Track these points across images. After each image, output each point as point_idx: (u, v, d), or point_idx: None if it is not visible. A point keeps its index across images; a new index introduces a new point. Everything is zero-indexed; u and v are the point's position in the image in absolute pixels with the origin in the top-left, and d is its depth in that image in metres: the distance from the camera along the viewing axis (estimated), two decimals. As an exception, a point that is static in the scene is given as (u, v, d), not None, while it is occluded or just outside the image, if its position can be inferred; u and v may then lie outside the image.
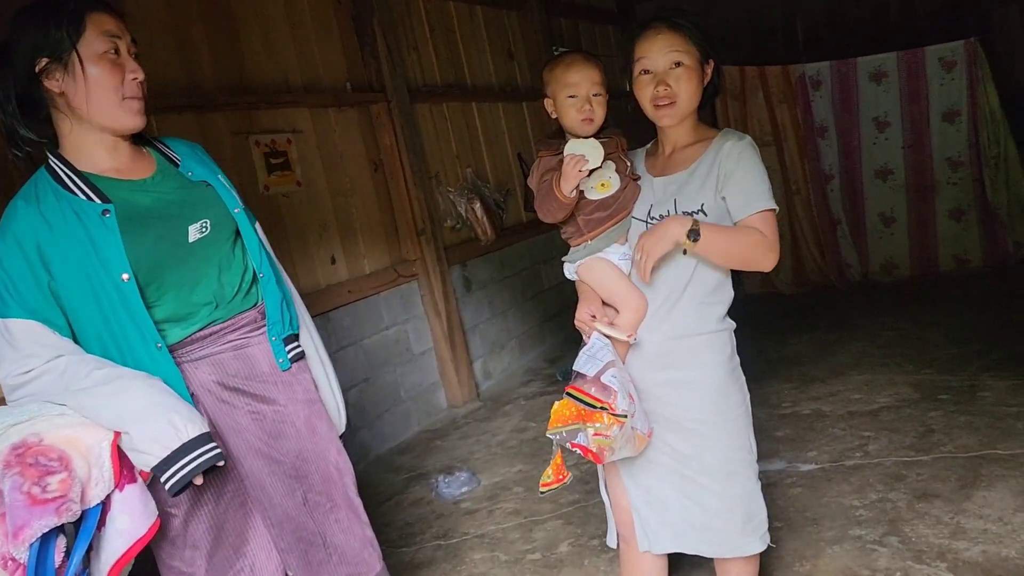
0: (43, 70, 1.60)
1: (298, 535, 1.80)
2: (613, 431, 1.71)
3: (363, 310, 4.21)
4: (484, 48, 5.65)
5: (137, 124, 1.67)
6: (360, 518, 1.93)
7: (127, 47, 1.65)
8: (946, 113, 5.94)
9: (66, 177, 1.63)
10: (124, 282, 1.58)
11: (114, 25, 1.63)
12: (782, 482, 3.08)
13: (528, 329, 5.69)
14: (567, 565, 2.78)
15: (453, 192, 5.00)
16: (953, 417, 3.43)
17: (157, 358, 1.63)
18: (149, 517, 1.54)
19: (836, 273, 6.32)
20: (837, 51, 6.32)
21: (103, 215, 1.60)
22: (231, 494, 1.76)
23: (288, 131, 3.89)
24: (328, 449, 1.88)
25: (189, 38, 3.44)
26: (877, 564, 2.45)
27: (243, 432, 1.76)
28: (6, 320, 1.58)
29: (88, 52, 1.59)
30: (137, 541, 1.51)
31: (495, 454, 3.95)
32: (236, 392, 1.75)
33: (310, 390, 1.88)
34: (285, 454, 1.80)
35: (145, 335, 1.62)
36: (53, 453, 1.44)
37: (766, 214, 1.80)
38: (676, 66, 1.81)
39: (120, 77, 1.63)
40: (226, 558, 1.75)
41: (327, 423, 1.90)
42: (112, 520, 1.49)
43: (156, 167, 1.75)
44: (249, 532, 1.79)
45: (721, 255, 1.80)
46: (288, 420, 1.82)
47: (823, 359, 4.55)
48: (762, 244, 1.78)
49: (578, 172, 1.79)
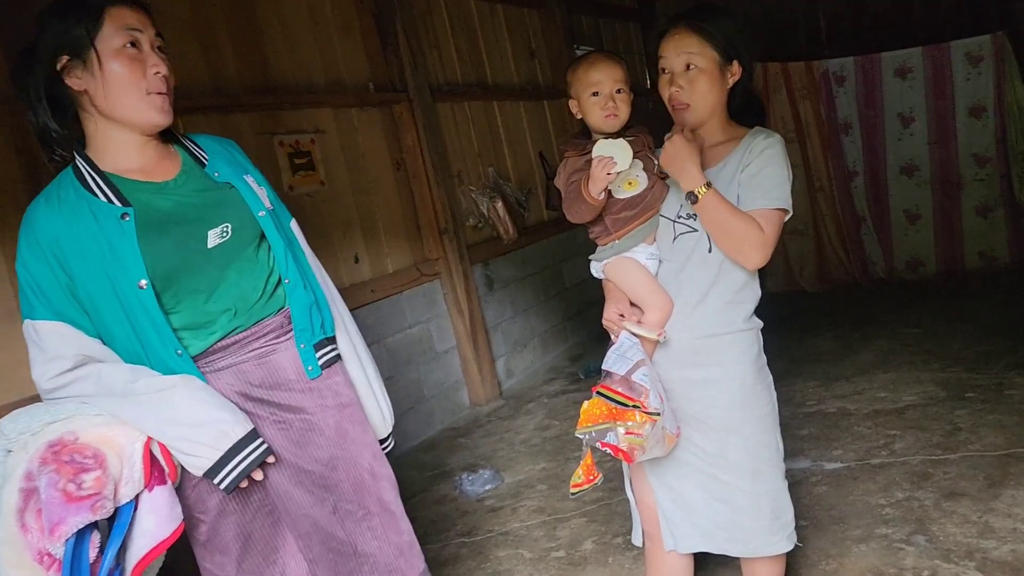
0: (64, 68, 1.57)
1: (327, 545, 1.76)
2: (645, 429, 1.71)
3: (386, 309, 4.23)
4: (505, 47, 5.66)
5: (161, 120, 1.62)
6: (398, 524, 1.85)
7: (150, 41, 1.60)
8: (972, 108, 5.87)
9: (88, 177, 1.59)
10: (141, 289, 1.55)
11: (134, 18, 1.58)
12: (807, 480, 3.06)
13: (550, 327, 5.69)
14: (591, 563, 2.78)
15: (475, 191, 5.01)
16: (980, 415, 3.39)
17: (180, 364, 1.60)
18: (174, 520, 1.54)
19: (860, 270, 6.27)
20: (859, 46, 6.26)
21: (121, 219, 1.56)
22: (257, 504, 1.72)
23: (312, 131, 3.92)
24: (361, 454, 1.82)
25: (214, 39, 3.47)
26: (904, 563, 2.43)
27: (268, 443, 1.68)
28: (34, 322, 1.57)
29: (106, 47, 1.55)
30: (160, 543, 1.50)
31: (518, 452, 3.96)
32: (259, 402, 1.70)
33: (342, 394, 1.81)
34: (313, 463, 1.75)
35: (165, 342, 1.59)
36: (88, 451, 1.46)
37: (771, 212, 1.78)
38: (688, 68, 1.81)
39: (141, 71, 1.58)
40: (256, 565, 1.73)
41: (361, 427, 1.84)
42: (138, 520, 1.50)
43: (181, 167, 1.71)
44: (278, 540, 1.76)
45: (716, 224, 1.78)
46: (316, 428, 1.76)
47: (847, 357, 4.52)
48: (756, 237, 1.77)
49: (606, 175, 1.78)
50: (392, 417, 1.97)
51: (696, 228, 1.85)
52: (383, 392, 1.94)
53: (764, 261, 1.79)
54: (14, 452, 1.50)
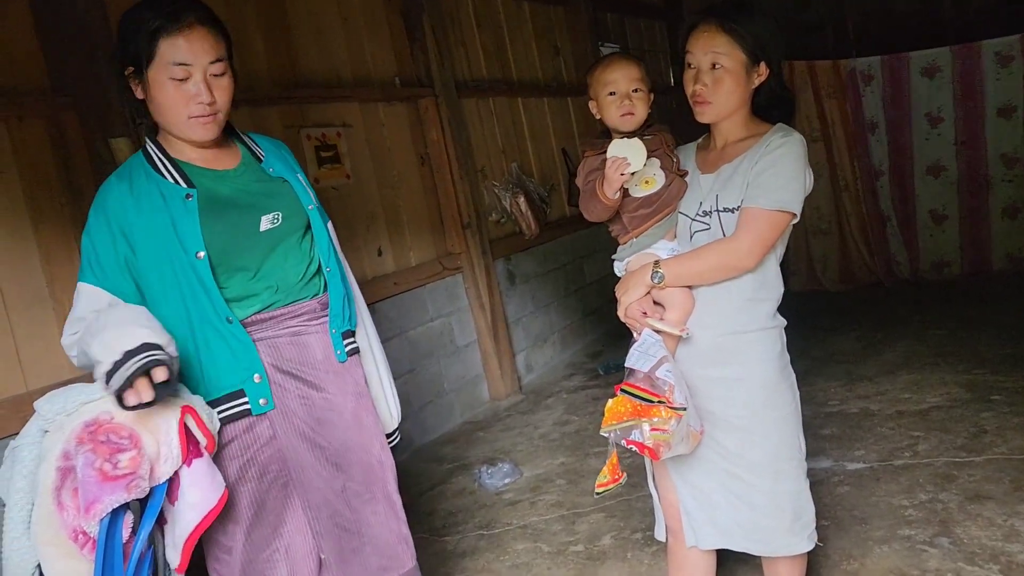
0: (129, 76, 1.70)
1: (334, 520, 1.85)
2: (671, 425, 1.71)
3: (408, 302, 4.26)
4: (530, 44, 5.67)
5: (204, 138, 1.73)
6: (397, 515, 1.96)
7: (203, 70, 1.67)
8: (1001, 108, 5.81)
9: (158, 160, 1.74)
10: (199, 260, 1.69)
11: (186, 51, 1.64)
12: (829, 480, 3.05)
13: (570, 323, 5.70)
14: (610, 558, 2.79)
15: (498, 186, 5.03)
16: (1006, 418, 3.36)
17: (231, 329, 1.72)
18: (218, 488, 1.60)
19: (884, 271, 6.21)
20: (887, 46, 6.20)
21: (186, 199, 1.71)
22: (274, 473, 1.81)
23: (338, 125, 3.95)
24: (372, 443, 1.92)
25: (245, 33, 3.51)
26: (927, 565, 2.42)
27: (291, 415, 1.81)
28: (80, 284, 1.71)
29: (155, 76, 1.66)
30: (209, 512, 1.57)
31: (537, 446, 3.98)
32: (288, 375, 1.81)
33: (360, 384, 1.94)
34: (330, 441, 1.85)
35: (217, 309, 1.71)
36: (124, 431, 1.50)
37: (766, 213, 1.77)
38: (715, 67, 1.81)
39: (184, 100, 1.67)
40: (264, 536, 1.80)
41: (374, 418, 1.95)
42: (183, 495, 1.55)
43: (241, 160, 1.86)
44: (287, 514, 1.83)
45: (695, 277, 1.84)
46: (336, 409, 1.87)
47: (870, 357, 4.49)
48: (731, 256, 1.78)
49: (620, 176, 1.79)
50: (399, 415, 2.07)
51: (710, 225, 1.85)
52: (392, 390, 2.06)
53: (755, 264, 1.80)
54: (51, 432, 1.54)
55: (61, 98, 2.74)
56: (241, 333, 1.74)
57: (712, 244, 1.82)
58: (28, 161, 2.68)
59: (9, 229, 2.61)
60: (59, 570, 1.48)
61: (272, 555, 1.81)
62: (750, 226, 1.77)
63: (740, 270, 1.81)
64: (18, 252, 2.63)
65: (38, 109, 2.70)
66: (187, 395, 1.65)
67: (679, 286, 1.84)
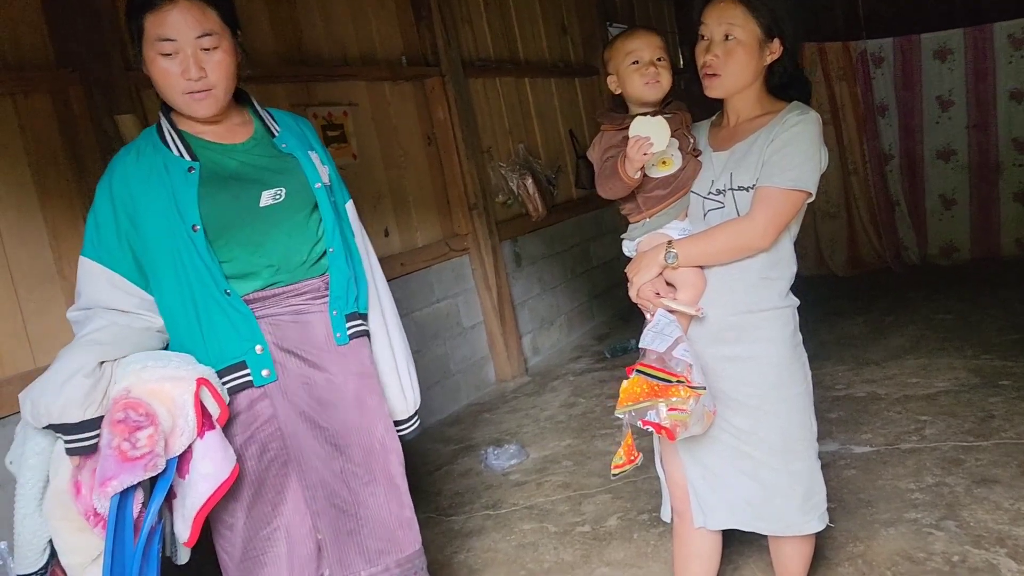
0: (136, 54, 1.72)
1: (331, 501, 1.84)
2: (690, 404, 1.69)
3: (415, 283, 4.25)
4: (538, 23, 5.62)
5: (201, 114, 1.72)
6: (400, 498, 1.93)
7: (192, 44, 1.64)
8: (1014, 92, 5.76)
9: (167, 133, 1.75)
10: (195, 232, 1.69)
11: (169, 27, 1.63)
12: (835, 463, 3.05)
13: (577, 306, 5.69)
14: (616, 538, 2.80)
15: (505, 167, 5.00)
16: (1014, 403, 3.35)
17: (230, 301, 1.73)
18: (230, 461, 1.60)
19: (893, 255, 6.18)
20: (898, 27, 6.13)
21: (188, 171, 1.71)
22: (274, 452, 1.81)
23: (345, 104, 3.92)
24: (375, 424, 1.90)
25: (252, 11, 3.48)
26: (933, 547, 2.42)
27: (291, 394, 1.80)
28: (81, 258, 1.75)
29: (147, 52, 1.67)
30: (222, 484, 1.57)
31: (544, 428, 3.98)
32: (289, 354, 1.80)
33: (365, 364, 1.91)
34: (329, 422, 1.84)
35: (217, 281, 1.72)
36: (141, 408, 1.49)
37: (781, 192, 1.75)
38: (728, 38, 1.78)
39: (175, 75, 1.66)
40: (264, 514, 1.81)
41: (377, 398, 1.93)
42: (195, 467, 1.55)
43: (252, 134, 1.84)
44: (287, 493, 1.83)
45: (709, 257, 1.83)
46: (337, 390, 1.85)
47: (878, 342, 4.47)
48: (745, 235, 1.77)
49: (643, 156, 1.76)
50: (417, 400, 2.05)
51: (723, 203, 1.83)
52: (411, 375, 2.04)
53: (769, 244, 1.79)
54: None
55: (67, 73, 2.72)
56: (241, 305, 1.74)
57: (726, 224, 1.80)
58: (34, 137, 2.67)
59: (16, 204, 2.60)
60: (71, 544, 1.49)
61: (272, 533, 1.81)
62: (765, 205, 1.75)
63: (755, 250, 1.79)
64: (26, 228, 2.62)
65: (44, 84, 2.68)
66: (199, 366, 1.65)
67: (691, 261, 1.82)
